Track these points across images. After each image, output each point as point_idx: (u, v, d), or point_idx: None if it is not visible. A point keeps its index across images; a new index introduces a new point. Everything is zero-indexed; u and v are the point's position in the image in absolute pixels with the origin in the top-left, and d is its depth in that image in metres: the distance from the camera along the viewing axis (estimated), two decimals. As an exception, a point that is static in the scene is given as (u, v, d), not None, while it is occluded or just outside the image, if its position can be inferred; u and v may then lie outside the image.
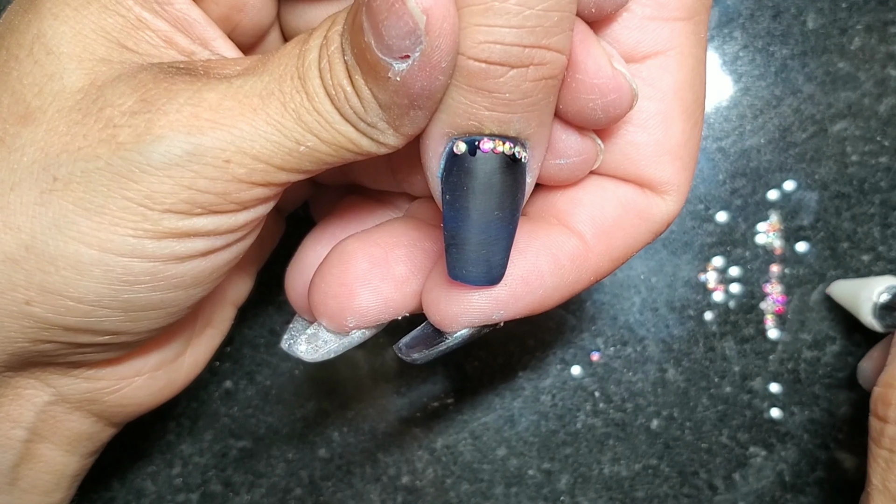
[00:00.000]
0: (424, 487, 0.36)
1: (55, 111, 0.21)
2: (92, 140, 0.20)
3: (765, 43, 0.36)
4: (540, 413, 0.36)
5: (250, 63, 0.21)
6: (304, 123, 0.20)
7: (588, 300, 0.36)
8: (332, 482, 0.36)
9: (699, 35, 0.23)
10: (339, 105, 0.19)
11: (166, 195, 0.20)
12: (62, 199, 0.20)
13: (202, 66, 0.21)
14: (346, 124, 0.20)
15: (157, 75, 0.20)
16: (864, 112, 0.36)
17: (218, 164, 0.20)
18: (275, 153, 0.20)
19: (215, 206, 0.20)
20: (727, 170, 0.36)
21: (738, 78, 0.36)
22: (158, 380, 0.28)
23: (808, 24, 0.37)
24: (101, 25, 0.21)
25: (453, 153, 0.20)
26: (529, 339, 0.36)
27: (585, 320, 0.36)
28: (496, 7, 0.18)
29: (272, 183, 0.21)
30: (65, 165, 0.20)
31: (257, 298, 0.27)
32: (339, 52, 0.19)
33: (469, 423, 0.36)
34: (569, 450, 0.35)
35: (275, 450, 0.36)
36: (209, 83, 0.20)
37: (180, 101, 0.20)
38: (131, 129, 0.20)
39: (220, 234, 0.21)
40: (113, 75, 0.21)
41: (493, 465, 0.36)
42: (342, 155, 0.20)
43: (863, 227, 0.36)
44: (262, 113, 0.20)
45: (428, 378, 0.36)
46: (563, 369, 0.36)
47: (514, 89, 0.19)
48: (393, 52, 0.18)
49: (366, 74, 0.19)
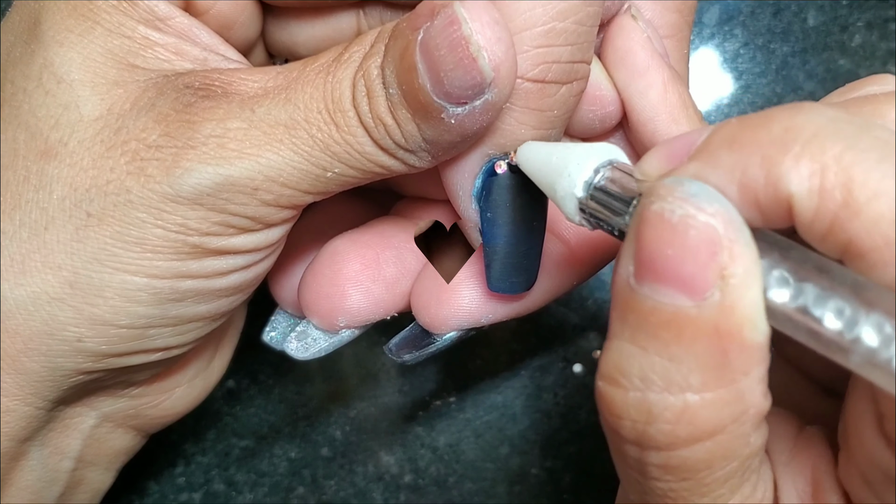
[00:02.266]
0: (427, 486, 0.36)
1: (76, 143, 0.21)
2: (119, 173, 0.20)
3: (765, 40, 0.37)
4: (542, 411, 0.36)
5: (271, 83, 0.21)
6: (333, 153, 0.20)
7: (590, 298, 0.36)
8: (334, 481, 0.36)
9: (682, 51, 0.24)
10: (378, 137, 0.19)
11: (200, 221, 0.20)
12: (99, 234, 0.20)
13: (219, 83, 0.21)
14: (381, 153, 0.20)
15: (176, 104, 0.20)
16: (865, 109, 0.36)
17: (247, 192, 0.20)
18: (302, 180, 0.20)
19: (247, 227, 0.21)
20: (728, 167, 0.36)
21: (739, 76, 0.36)
22: (195, 387, 0.28)
23: (808, 21, 0.37)
24: (108, 48, 0.21)
25: (493, 172, 0.20)
26: (531, 337, 0.36)
27: (587, 318, 0.36)
28: (557, 28, 0.18)
29: (299, 205, 0.21)
30: (96, 200, 0.20)
31: (259, 298, 0.27)
32: (381, 86, 0.19)
33: (471, 422, 0.36)
34: (572, 448, 0.36)
35: (277, 449, 0.36)
36: (231, 110, 0.20)
37: (205, 133, 0.20)
38: (159, 162, 0.20)
39: (257, 249, 0.22)
40: (130, 100, 0.21)
41: (496, 463, 0.36)
42: (369, 178, 0.21)
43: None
44: (288, 143, 0.20)
45: (430, 376, 0.36)
46: (565, 367, 0.36)
47: (562, 105, 0.20)
48: (452, 99, 0.18)
49: (415, 112, 0.19)
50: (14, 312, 0.21)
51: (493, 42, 0.17)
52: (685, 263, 0.14)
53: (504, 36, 0.17)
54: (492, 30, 0.17)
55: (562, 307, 0.36)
